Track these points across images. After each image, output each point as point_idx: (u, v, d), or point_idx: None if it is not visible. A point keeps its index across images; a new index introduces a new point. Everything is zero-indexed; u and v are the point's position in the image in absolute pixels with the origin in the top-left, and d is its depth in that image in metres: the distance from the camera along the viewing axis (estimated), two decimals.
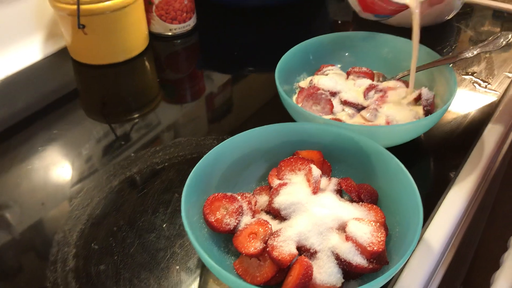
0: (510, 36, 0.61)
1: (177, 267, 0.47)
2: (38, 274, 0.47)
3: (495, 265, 0.55)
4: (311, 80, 0.63)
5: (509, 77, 0.72)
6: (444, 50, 0.78)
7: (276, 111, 0.69)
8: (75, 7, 0.69)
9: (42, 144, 0.63)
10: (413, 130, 0.55)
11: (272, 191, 0.48)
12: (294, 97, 0.63)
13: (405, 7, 0.59)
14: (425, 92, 0.58)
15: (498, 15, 0.89)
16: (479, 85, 0.71)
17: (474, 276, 0.76)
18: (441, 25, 0.84)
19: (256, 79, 0.79)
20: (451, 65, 0.60)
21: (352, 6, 0.64)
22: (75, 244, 0.50)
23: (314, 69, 0.67)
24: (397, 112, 0.58)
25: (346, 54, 0.68)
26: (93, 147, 0.63)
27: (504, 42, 0.61)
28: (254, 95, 0.73)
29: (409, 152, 0.58)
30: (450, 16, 0.84)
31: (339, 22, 0.92)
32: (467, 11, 0.89)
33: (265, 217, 0.48)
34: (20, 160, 0.61)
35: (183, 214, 0.43)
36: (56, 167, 0.60)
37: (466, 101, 0.68)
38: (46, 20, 0.82)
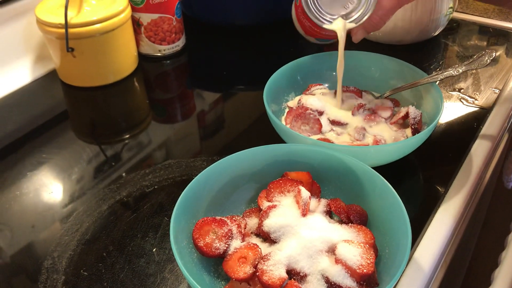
0: (494, 54, 0.62)
1: None
2: None
3: (487, 282, 0.55)
4: (299, 100, 0.63)
5: (495, 93, 0.73)
6: (432, 66, 0.79)
7: (266, 129, 0.69)
8: (63, 30, 0.69)
9: (31, 169, 0.63)
10: (402, 149, 0.55)
11: (261, 214, 0.48)
12: (283, 117, 0.64)
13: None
14: (412, 110, 0.59)
15: (484, 30, 0.90)
16: (466, 101, 0.72)
17: None
18: (428, 41, 0.85)
19: (245, 98, 0.79)
20: (437, 82, 0.61)
21: (297, 28, 0.65)
22: (64, 271, 0.49)
23: (302, 89, 0.67)
24: (384, 131, 0.58)
25: (334, 73, 0.68)
26: (83, 170, 0.62)
27: (488, 60, 0.61)
28: (244, 113, 0.73)
29: (398, 170, 0.58)
30: (437, 33, 0.85)
31: None
32: (454, 27, 0.91)
33: (255, 240, 0.48)
34: (8, 185, 0.60)
35: (172, 240, 0.43)
36: (45, 192, 0.60)
37: (453, 117, 0.68)
38: (35, 43, 0.82)
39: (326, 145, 0.53)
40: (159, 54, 0.83)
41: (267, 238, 0.47)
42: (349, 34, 0.61)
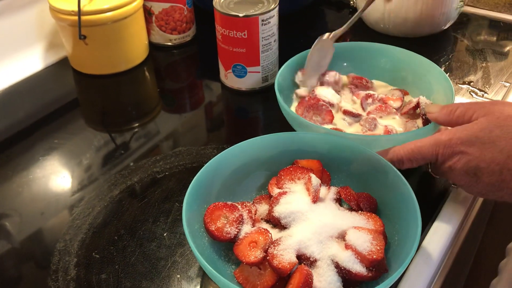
0: None
1: (178, 276, 0.47)
2: (39, 284, 0.47)
3: (494, 273, 0.55)
4: (313, 91, 0.63)
5: (505, 86, 0.73)
6: (441, 60, 0.79)
7: (275, 119, 0.70)
8: (76, 18, 0.70)
9: (43, 154, 0.64)
10: (412, 139, 0.55)
11: (272, 200, 0.48)
12: (293, 106, 0.64)
13: None
14: (422, 100, 0.59)
15: (494, 24, 0.90)
16: (476, 94, 0.72)
17: (473, 283, 0.76)
18: (438, 34, 0.85)
19: None
20: (448, 74, 0.61)
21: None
22: (76, 253, 0.50)
23: None
24: (395, 122, 0.59)
25: (344, 64, 0.69)
26: (94, 156, 0.63)
27: None
28: (253, 104, 0.74)
29: None
30: (447, 26, 0.85)
31: None
32: (464, 21, 0.90)
33: (265, 226, 0.48)
34: (21, 170, 0.61)
35: (184, 222, 0.43)
36: (57, 177, 0.60)
37: None
38: (47, 31, 0.82)
39: (338, 134, 0.54)
40: (169, 44, 0.84)
41: (277, 224, 0.47)
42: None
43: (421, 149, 0.49)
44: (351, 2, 0.96)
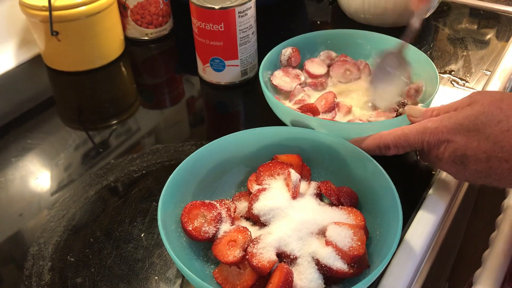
0: None
1: (156, 277, 0.46)
2: None
3: (478, 263, 0.54)
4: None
5: (486, 75, 0.72)
6: (422, 49, 0.79)
7: (256, 113, 0.69)
8: (47, 13, 0.68)
9: (16, 155, 0.61)
10: (394, 127, 0.54)
11: (251, 197, 0.47)
12: None
13: None
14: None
15: (475, 12, 0.90)
16: (457, 83, 0.71)
17: (458, 275, 0.76)
18: None
19: None
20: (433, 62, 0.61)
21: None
22: (50, 257, 0.48)
23: None
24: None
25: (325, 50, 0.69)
26: (70, 156, 0.61)
27: None
28: (234, 97, 0.72)
29: None
30: (428, 15, 0.84)
31: (318, 22, 0.92)
32: (444, 10, 0.90)
33: (244, 223, 0.47)
34: None
35: (159, 223, 0.42)
36: (30, 178, 0.58)
37: (445, 99, 0.68)
38: (19, 27, 0.80)
39: (314, 121, 0.53)
40: (146, 38, 0.82)
41: (257, 221, 0.46)
42: None
43: (408, 136, 0.48)
44: None
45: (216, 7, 0.63)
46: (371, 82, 0.62)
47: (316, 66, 0.66)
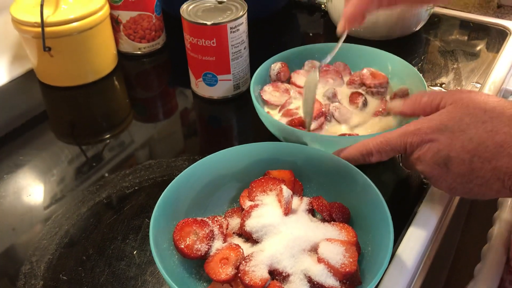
0: None
1: None
2: None
3: (471, 278, 0.55)
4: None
5: (476, 87, 0.73)
6: (413, 62, 0.79)
7: (248, 127, 0.69)
8: (39, 29, 0.68)
9: (8, 172, 0.61)
10: None
11: (243, 214, 0.47)
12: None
13: None
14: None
15: (465, 25, 0.90)
16: None
17: (452, 287, 0.76)
18: (409, 36, 0.85)
19: None
20: (421, 75, 0.61)
21: None
22: (42, 275, 0.48)
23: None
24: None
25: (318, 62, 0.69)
26: (62, 172, 0.61)
27: None
28: (227, 111, 0.73)
29: (381, 164, 0.58)
30: (418, 28, 0.85)
31: (310, 34, 0.92)
32: (435, 22, 0.91)
33: (237, 240, 0.47)
34: None
35: (151, 241, 0.42)
36: (23, 195, 0.58)
37: None
38: (11, 42, 0.80)
39: (304, 135, 0.53)
40: (139, 52, 0.82)
41: (249, 238, 0.46)
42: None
43: (390, 140, 0.48)
44: (322, 6, 0.95)
45: (208, 23, 0.63)
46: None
47: (301, 78, 0.67)
